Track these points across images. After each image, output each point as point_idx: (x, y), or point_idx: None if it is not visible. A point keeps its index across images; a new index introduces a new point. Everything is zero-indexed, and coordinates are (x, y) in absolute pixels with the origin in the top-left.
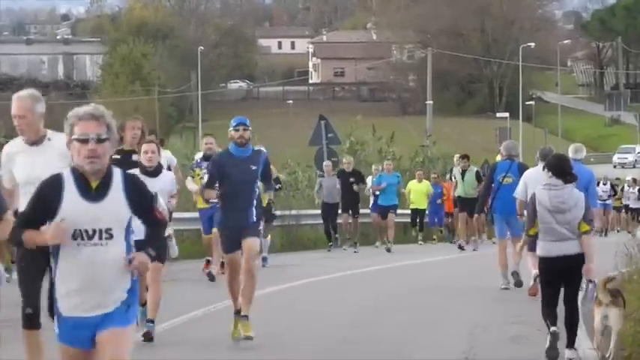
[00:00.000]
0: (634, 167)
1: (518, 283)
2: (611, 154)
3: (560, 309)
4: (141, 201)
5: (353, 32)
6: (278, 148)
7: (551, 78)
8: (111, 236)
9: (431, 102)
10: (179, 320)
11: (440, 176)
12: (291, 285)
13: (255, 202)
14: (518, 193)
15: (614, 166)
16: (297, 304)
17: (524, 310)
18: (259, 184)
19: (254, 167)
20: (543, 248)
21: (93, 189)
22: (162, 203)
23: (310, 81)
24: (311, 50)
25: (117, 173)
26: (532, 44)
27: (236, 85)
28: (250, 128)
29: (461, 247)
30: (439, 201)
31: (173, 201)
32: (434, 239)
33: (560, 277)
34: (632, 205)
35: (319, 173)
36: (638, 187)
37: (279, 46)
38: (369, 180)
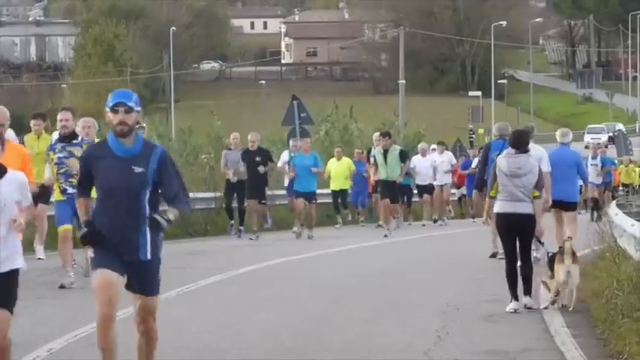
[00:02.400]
0: (606, 147)
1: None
2: (583, 132)
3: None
4: None
5: (325, 12)
6: (251, 129)
7: (523, 56)
8: None
9: (403, 81)
10: None
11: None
12: (263, 265)
13: (146, 224)
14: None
15: (587, 147)
16: (267, 285)
17: (497, 289)
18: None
19: (139, 170)
20: (500, 206)
21: None
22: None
23: (283, 61)
24: (283, 30)
25: None
26: (504, 22)
27: (209, 65)
28: (139, 109)
29: (385, 236)
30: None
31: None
32: (362, 221)
33: (515, 233)
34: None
35: (226, 145)
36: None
37: (252, 26)
38: (284, 154)
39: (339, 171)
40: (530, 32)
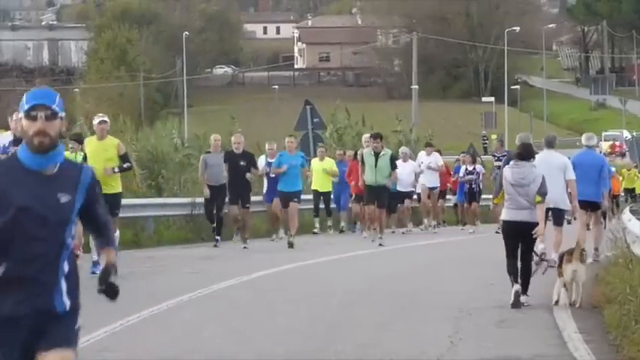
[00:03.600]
0: (623, 155)
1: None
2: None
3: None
4: None
5: (338, 17)
6: (263, 134)
7: (537, 62)
8: None
9: (416, 87)
10: (164, 306)
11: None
12: (275, 270)
13: (67, 267)
14: None
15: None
16: (280, 289)
17: (508, 295)
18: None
19: (65, 198)
20: (506, 214)
21: None
22: None
23: (296, 66)
24: (296, 35)
25: None
26: (517, 28)
27: (221, 70)
28: (63, 115)
29: (381, 245)
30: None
31: None
32: (342, 227)
33: (517, 238)
34: None
35: (206, 150)
36: None
37: (265, 31)
38: (261, 159)
39: (321, 171)
40: (544, 38)
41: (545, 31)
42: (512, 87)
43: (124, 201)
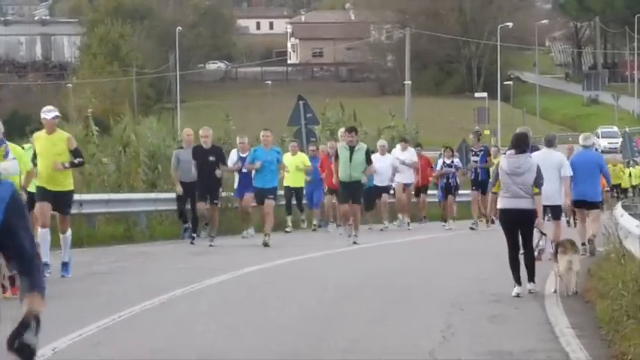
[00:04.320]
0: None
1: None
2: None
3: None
4: None
5: (331, 12)
6: (256, 129)
7: (529, 58)
8: None
9: (409, 82)
10: (157, 301)
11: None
12: (267, 265)
13: None
14: None
15: (602, 152)
16: (272, 284)
17: (501, 289)
18: None
19: None
20: (503, 202)
21: None
22: None
23: (289, 61)
24: (289, 30)
25: None
26: (510, 24)
27: (214, 65)
28: None
29: (355, 243)
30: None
31: None
32: (315, 225)
33: (516, 226)
34: None
35: (178, 145)
36: None
37: (258, 26)
38: (233, 154)
39: (293, 166)
40: (537, 34)
41: (537, 27)
42: (504, 83)
43: (116, 196)
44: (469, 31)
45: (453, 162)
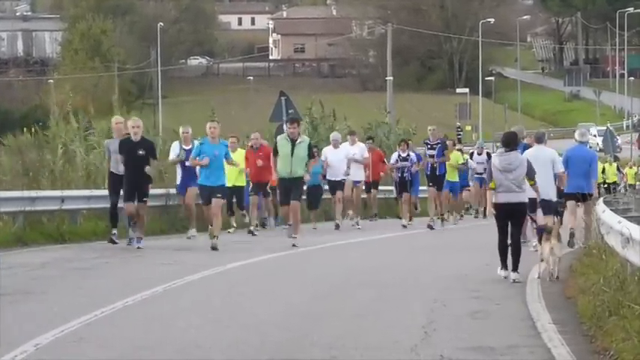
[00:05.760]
0: (621, 151)
1: None
2: (571, 129)
3: None
4: None
5: (313, 8)
6: (238, 125)
7: (511, 54)
8: None
9: (391, 78)
10: (139, 297)
11: None
12: (250, 261)
13: None
14: None
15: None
16: (255, 280)
17: (483, 285)
18: None
19: None
20: (497, 197)
21: None
22: None
23: (270, 57)
24: (271, 26)
25: None
26: (492, 20)
27: (196, 61)
28: None
29: (295, 245)
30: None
31: None
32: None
33: (508, 217)
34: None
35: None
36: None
37: (239, 22)
38: (174, 146)
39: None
40: (518, 29)
41: (519, 23)
42: (486, 78)
43: (98, 192)
44: (451, 27)
45: (409, 155)
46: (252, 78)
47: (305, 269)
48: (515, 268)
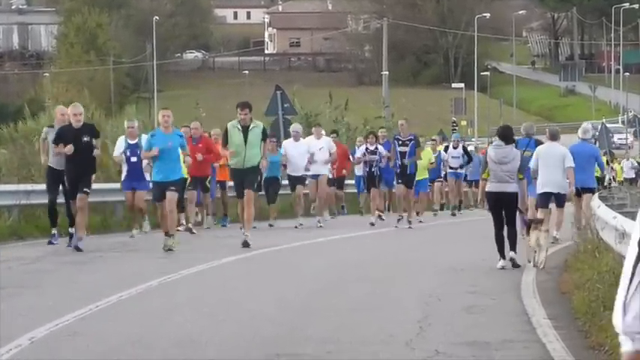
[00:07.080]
0: (631, 148)
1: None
2: (567, 124)
3: None
4: None
5: (309, 2)
6: (234, 119)
7: (507, 49)
8: None
9: (386, 72)
10: (134, 291)
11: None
12: (245, 255)
13: None
14: (532, 163)
15: (614, 149)
16: (250, 275)
17: (478, 280)
18: None
19: None
20: (490, 187)
21: None
22: None
23: (266, 51)
24: (267, 20)
25: None
26: (487, 15)
27: (191, 55)
28: None
29: (246, 244)
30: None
31: None
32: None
33: (500, 207)
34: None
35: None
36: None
37: (235, 16)
38: (120, 141)
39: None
40: (514, 24)
41: (515, 18)
42: (482, 73)
43: (95, 185)
44: (446, 22)
45: (377, 148)
46: (247, 72)
47: (300, 263)
48: (512, 248)
